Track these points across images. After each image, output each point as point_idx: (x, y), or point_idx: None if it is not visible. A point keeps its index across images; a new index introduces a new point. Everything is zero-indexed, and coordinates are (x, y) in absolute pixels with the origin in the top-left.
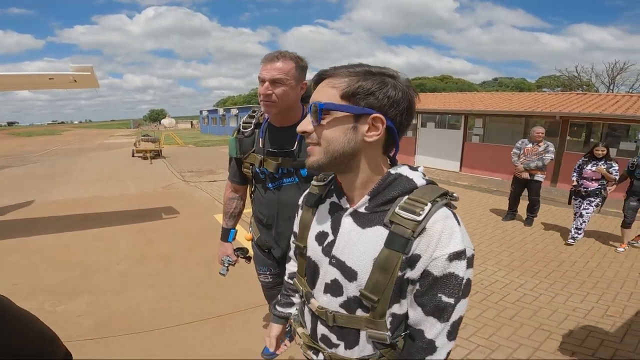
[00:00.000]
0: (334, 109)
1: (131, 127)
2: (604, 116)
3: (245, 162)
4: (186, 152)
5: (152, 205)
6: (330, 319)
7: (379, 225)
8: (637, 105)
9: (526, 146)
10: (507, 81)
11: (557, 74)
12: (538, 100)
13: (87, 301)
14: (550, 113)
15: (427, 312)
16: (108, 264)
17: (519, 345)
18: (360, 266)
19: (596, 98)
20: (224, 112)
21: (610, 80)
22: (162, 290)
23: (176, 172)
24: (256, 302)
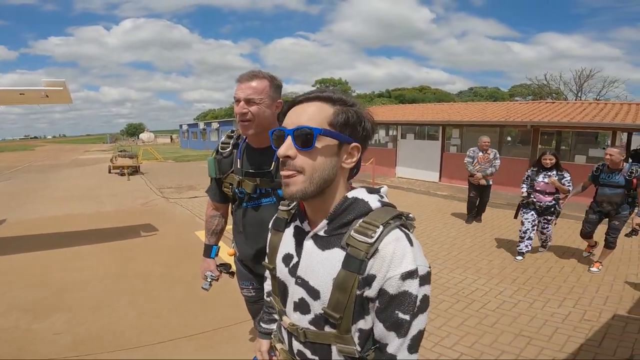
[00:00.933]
0: (329, 135)
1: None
2: (573, 124)
3: (225, 182)
4: (165, 168)
5: (130, 222)
6: (302, 335)
7: (337, 248)
8: (604, 112)
9: (478, 154)
10: (482, 91)
11: (528, 82)
12: (510, 109)
13: (65, 319)
14: (522, 122)
15: (388, 327)
16: (85, 282)
17: (501, 353)
18: (322, 286)
19: (565, 106)
20: (205, 126)
21: (578, 87)
22: (143, 308)
23: (155, 188)
24: (241, 317)
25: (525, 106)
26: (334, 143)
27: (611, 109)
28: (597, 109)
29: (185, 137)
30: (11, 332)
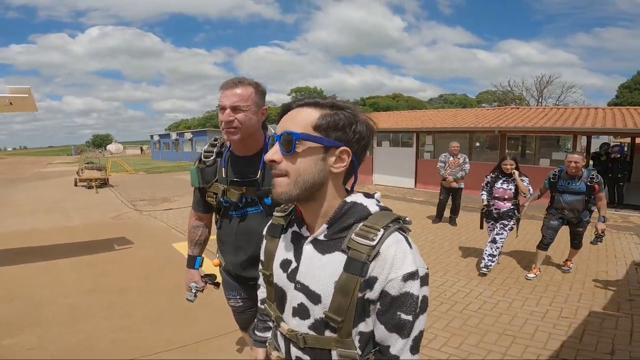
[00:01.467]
0: (308, 139)
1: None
2: (536, 129)
3: (209, 192)
4: (137, 180)
5: (101, 236)
6: (301, 341)
7: (337, 251)
8: (564, 117)
9: (449, 159)
10: (452, 98)
11: (493, 89)
12: (479, 115)
13: (37, 334)
14: (490, 128)
15: (390, 329)
16: (55, 297)
17: (487, 352)
18: (323, 290)
19: (528, 112)
20: (178, 137)
21: (539, 93)
22: (120, 322)
23: (126, 201)
24: (226, 329)
25: (492, 112)
26: (318, 147)
27: (571, 113)
28: (558, 114)
29: (157, 148)
30: None
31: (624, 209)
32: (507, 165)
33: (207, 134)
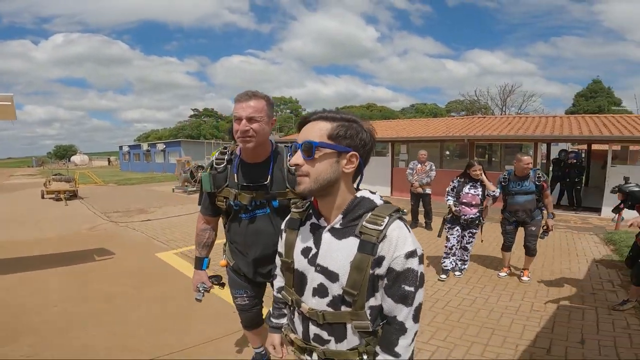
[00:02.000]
0: (325, 147)
1: (33, 165)
2: (502, 137)
3: (219, 196)
4: (108, 192)
5: (79, 247)
6: (320, 318)
7: (352, 236)
8: (526, 125)
9: (417, 166)
10: (423, 107)
11: (461, 98)
12: (449, 125)
13: (30, 342)
14: (460, 137)
15: (396, 300)
16: (42, 306)
17: (471, 344)
18: (341, 269)
19: (494, 121)
20: (149, 147)
21: (502, 102)
22: (114, 328)
23: (100, 212)
24: (224, 332)
25: (461, 121)
26: (332, 152)
27: (532, 122)
28: (520, 123)
29: (126, 159)
30: None
31: (582, 211)
32: (476, 171)
33: (181, 145)
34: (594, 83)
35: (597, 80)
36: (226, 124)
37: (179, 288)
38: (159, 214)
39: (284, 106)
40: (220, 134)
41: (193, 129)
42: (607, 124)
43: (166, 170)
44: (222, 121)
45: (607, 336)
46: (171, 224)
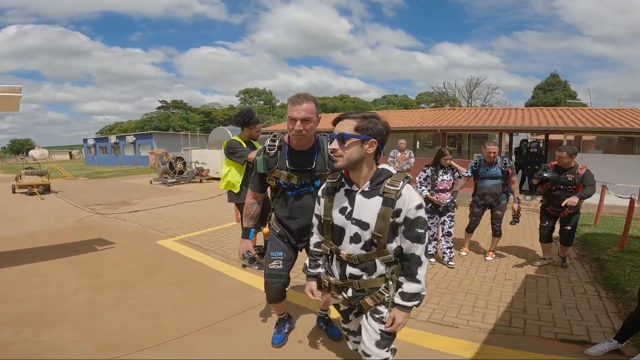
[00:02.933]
0: (353, 137)
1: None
2: (471, 127)
3: (270, 176)
4: (80, 186)
5: (74, 239)
6: (356, 260)
7: (377, 196)
8: (492, 116)
9: (397, 154)
10: (394, 99)
11: (430, 90)
12: (423, 116)
13: (69, 329)
14: (433, 127)
15: (413, 240)
16: (62, 295)
17: (460, 306)
18: (370, 219)
19: (463, 112)
20: (118, 140)
21: (469, 94)
22: (143, 311)
23: (81, 205)
24: (246, 305)
25: (434, 113)
26: (358, 140)
27: (496, 113)
28: (487, 114)
29: (92, 152)
30: (20, 344)
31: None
32: (447, 159)
33: (153, 137)
34: (551, 77)
35: (554, 74)
36: (197, 116)
37: (191, 271)
38: (144, 205)
39: (258, 97)
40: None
41: (161, 120)
42: (563, 116)
43: (137, 163)
44: (193, 113)
45: (569, 300)
46: (162, 213)
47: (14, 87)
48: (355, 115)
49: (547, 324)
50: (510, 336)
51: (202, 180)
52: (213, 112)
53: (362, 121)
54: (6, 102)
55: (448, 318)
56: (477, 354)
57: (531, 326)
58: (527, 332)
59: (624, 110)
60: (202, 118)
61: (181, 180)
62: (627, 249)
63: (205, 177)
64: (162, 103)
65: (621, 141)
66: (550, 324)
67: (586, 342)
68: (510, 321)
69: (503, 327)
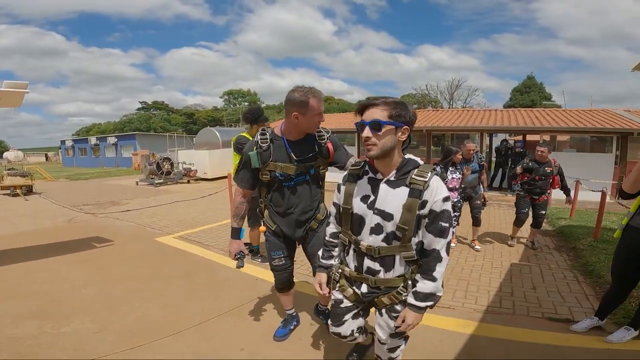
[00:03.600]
0: (388, 124)
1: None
2: (454, 128)
3: (264, 170)
4: (63, 187)
5: (70, 237)
6: (376, 252)
7: (403, 186)
8: (473, 117)
9: None
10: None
11: (413, 92)
12: None
13: (89, 320)
14: (419, 127)
15: (435, 234)
16: (72, 290)
17: (455, 291)
18: (395, 210)
19: (446, 113)
20: (98, 141)
21: (450, 96)
22: (157, 302)
23: (69, 206)
24: (255, 295)
25: (419, 114)
26: (392, 127)
27: (477, 114)
28: (468, 115)
29: (70, 154)
30: (41, 337)
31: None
32: (459, 156)
33: (136, 138)
34: (528, 79)
35: (531, 76)
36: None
37: (195, 265)
38: (135, 205)
39: (242, 99)
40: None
41: (142, 122)
42: (539, 117)
43: (119, 165)
44: (175, 114)
45: (551, 284)
46: (155, 212)
47: (20, 83)
48: (387, 101)
49: (533, 305)
50: (502, 315)
51: (190, 180)
52: (196, 114)
53: (395, 107)
54: (11, 97)
55: (444, 301)
56: (475, 330)
57: (520, 307)
58: (516, 312)
59: (596, 111)
60: (184, 119)
61: (168, 181)
62: (600, 239)
63: (192, 178)
64: (143, 104)
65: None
66: (536, 305)
67: (570, 320)
68: (501, 303)
69: (495, 308)
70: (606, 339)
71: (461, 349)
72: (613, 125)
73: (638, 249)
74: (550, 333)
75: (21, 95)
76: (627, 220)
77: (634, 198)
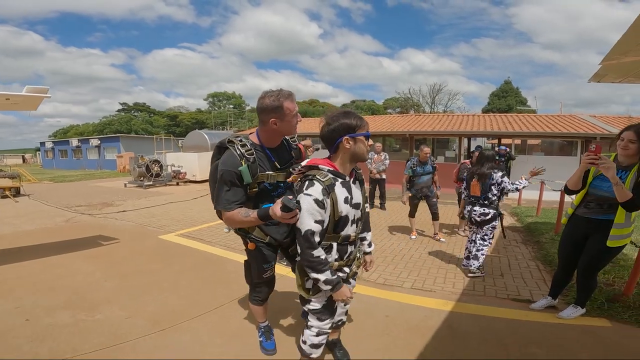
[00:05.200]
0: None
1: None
2: (435, 132)
3: (253, 184)
4: (50, 189)
5: (75, 236)
6: (356, 237)
7: (357, 181)
8: (452, 122)
9: (374, 156)
10: (362, 104)
11: (397, 95)
12: (392, 121)
13: (118, 308)
14: (402, 132)
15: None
16: (94, 283)
17: (435, 277)
18: (361, 200)
19: (427, 118)
20: (80, 143)
21: (432, 100)
22: (174, 293)
23: (62, 207)
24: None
25: (402, 119)
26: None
27: (457, 119)
28: (448, 120)
29: (50, 156)
30: (77, 325)
31: None
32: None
33: (120, 140)
34: (505, 84)
35: (508, 81)
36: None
37: (202, 260)
38: (129, 205)
39: (227, 101)
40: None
41: (122, 124)
42: (512, 122)
43: (102, 167)
44: (157, 116)
45: (516, 272)
46: (152, 213)
47: (42, 88)
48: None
49: (501, 289)
50: (475, 297)
51: (179, 183)
52: (180, 116)
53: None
54: (29, 101)
55: (427, 285)
56: (453, 308)
57: (489, 290)
58: (487, 294)
59: (564, 116)
60: (167, 122)
61: (157, 183)
62: (560, 233)
63: (182, 180)
64: (123, 105)
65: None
66: (503, 289)
67: (530, 300)
68: (474, 287)
69: (469, 291)
70: (558, 315)
71: (442, 322)
72: (578, 130)
73: (578, 235)
74: (514, 310)
75: (40, 100)
76: (572, 210)
77: (576, 194)
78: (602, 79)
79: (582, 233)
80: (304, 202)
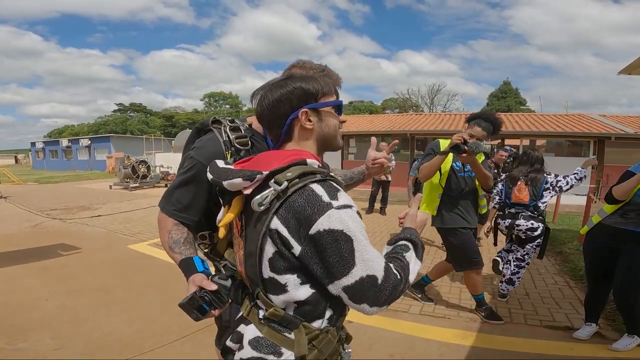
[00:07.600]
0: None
1: None
2: (436, 132)
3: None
4: (32, 191)
5: (34, 244)
6: None
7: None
8: (454, 121)
9: None
10: (360, 105)
11: (395, 96)
12: (392, 121)
13: (49, 336)
14: (404, 131)
15: None
16: (34, 301)
17: (448, 297)
18: None
19: (428, 117)
20: (70, 143)
21: (431, 101)
22: (129, 314)
23: (36, 210)
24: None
25: (401, 118)
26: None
27: (457, 118)
28: (449, 119)
29: (40, 156)
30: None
31: None
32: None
33: (111, 140)
34: (504, 84)
35: (507, 82)
36: (158, 120)
37: (171, 275)
38: (108, 209)
39: (223, 101)
40: (151, 130)
41: (117, 124)
42: (519, 122)
43: (92, 168)
44: (153, 116)
45: (543, 290)
46: (129, 218)
47: None
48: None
49: (530, 313)
50: (499, 324)
51: (168, 184)
52: (175, 116)
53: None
54: None
55: (439, 310)
56: (475, 341)
57: (516, 314)
58: (513, 320)
59: (572, 115)
60: (163, 122)
61: (144, 184)
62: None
63: (170, 182)
64: (119, 106)
65: (569, 145)
66: (532, 313)
67: (569, 327)
68: (497, 311)
69: None
70: (611, 347)
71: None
72: (590, 129)
73: (608, 248)
74: (553, 342)
75: None
76: (599, 219)
77: (618, 204)
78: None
79: (612, 246)
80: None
